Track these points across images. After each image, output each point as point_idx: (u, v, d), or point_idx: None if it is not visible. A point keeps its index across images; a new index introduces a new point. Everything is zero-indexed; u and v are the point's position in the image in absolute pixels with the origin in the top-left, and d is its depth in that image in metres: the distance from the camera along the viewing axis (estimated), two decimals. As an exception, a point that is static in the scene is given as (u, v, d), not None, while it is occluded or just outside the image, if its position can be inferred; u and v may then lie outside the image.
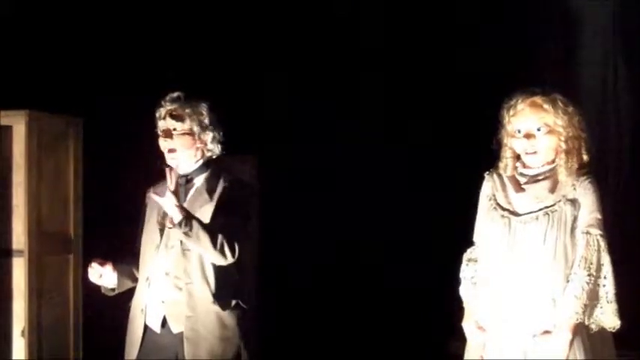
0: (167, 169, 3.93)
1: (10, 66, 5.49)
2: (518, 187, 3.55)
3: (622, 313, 3.47)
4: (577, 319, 3.38)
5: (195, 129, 4.00)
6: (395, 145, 6.62)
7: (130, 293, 4.12)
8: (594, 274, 3.40)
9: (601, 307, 3.42)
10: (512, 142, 3.56)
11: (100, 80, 5.76)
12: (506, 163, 3.59)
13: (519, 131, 3.52)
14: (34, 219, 5.08)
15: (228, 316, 3.98)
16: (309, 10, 6.58)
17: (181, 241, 3.94)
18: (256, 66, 6.55)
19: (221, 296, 3.96)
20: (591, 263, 3.40)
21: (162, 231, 4.02)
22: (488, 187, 3.63)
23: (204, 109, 4.02)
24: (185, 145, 4.01)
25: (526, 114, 3.51)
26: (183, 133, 4.00)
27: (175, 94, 4.05)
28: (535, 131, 3.50)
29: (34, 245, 5.07)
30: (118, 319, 4.27)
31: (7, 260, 5.08)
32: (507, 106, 3.56)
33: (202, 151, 4.05)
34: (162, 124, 4.04)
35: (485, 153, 3.74)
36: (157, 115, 4.06)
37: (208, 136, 4.03)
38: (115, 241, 4.29)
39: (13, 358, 5.05)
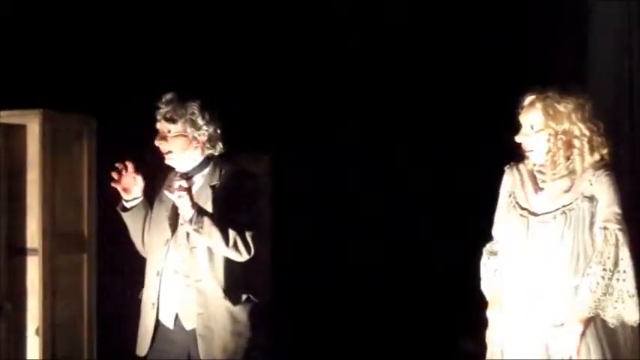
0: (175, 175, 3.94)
1: (24, 65, 5.51)
2: (537, 187, 3.56)
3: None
4: (589, 313, 3.39)
5: (189, 130, 4.02)
6: (409, 146, 6.63)
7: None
8: (611, 268, 3.40)
9: (622, 302, 3.42)
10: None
11: (114, 79, 5.77)
12: (526, 157, 3.62)
13: (521, 129, 3.58)
14: (48, 218, 5.08)
15: (240, 311, 4.01)
16: (326, 12, 6.59)
17: (188, 239, 3.96)
18: (272, 66, 6.55)
19: (231, 291, 3.99)
20: (608, 258, 3.40)
21: (172, 228, 4.04)
22: (509, 182, 3.65)
23: (195, 108, 4.02)
24: (180, 147, 4.03)
25: (524, 113, 3.60)
26: (177, 135, 4.02)
27: (168, 96, 4.06)
28: (529, 130, 3.55)
29: (48, 244, 5.07)
30: (132, 318, 4.28)
31: (21, 259, 5.08)
32: (520, 105, 3.63)
33: (202, 149, 4.06)
34: (158, 126, 4.08)
35: (493, 153, 3.76)
36: (156, 117, 4.09)
37: (204, 135, 4.04)
38: (129, 241, 4.29)
39: (28, 356, 5.05)
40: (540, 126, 3.54)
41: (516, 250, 3.55)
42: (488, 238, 3.74)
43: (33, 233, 5.07)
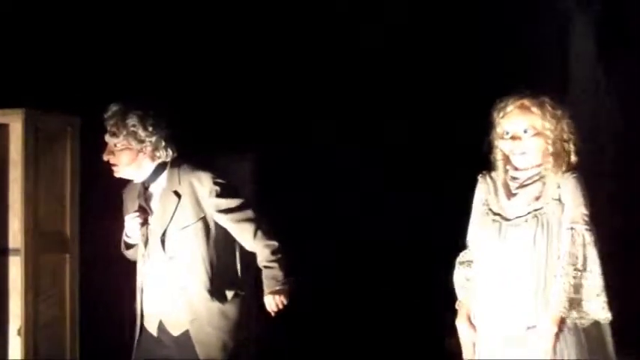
0: None
1: (7, 64, 5.48)
2: (510, 194, 3.57)
3: (627, 310, 3.48)
4: (562, 313, 3.40)
5: (133, 143, 3.95)
6: (393, 147, 6.64)
7: (126, 295, 4.14)
8: (580, 268, 3.41)
9: (589, 301, 3.43)
10: (500, 144, 3.59)
11: (98, 79, 5.75)
12: (497, 165, 3.62)
13: (507, 133, 3.56)
14: (31, 218, 5.06)
15: (230, 308, 4.01)
16: (311, 11, 6.59)
17: (164, 249, 3.96)
18: (256, 66, 6.55)
19: (217, 291, 3.99)
20: (577, 258, 3.41)
21: (145, 241, 4.04)
22: (483, 190, 3.65)
23: (136, 120, 3.93)
24: (126, 160, 3.98)
25: (514, 116, 3.54)
26: (123, 149, 3.97)
27: (113, 108, 3.98)
28: (521, 133, 3.53)
29: (31, 244, 5.05)
30: (114, 318, 4.28)
31: (3, 259, 5.07)
32: (497, 108, 3.60)
33: (152, 158, 4.00)
34: (106, 140, 4.02)
35: (479, 155, 3.75)
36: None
37: (149, 145, 3.96)
38: (112, 241, 4.28)
39: (10, 356, 5.04)
40: (538, 129, 3.52)
41: (489, 255, 3.56)
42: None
43: (15, 233, 5.05)
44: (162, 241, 3.98)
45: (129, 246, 4.12)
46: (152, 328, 4.01)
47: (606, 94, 6.33)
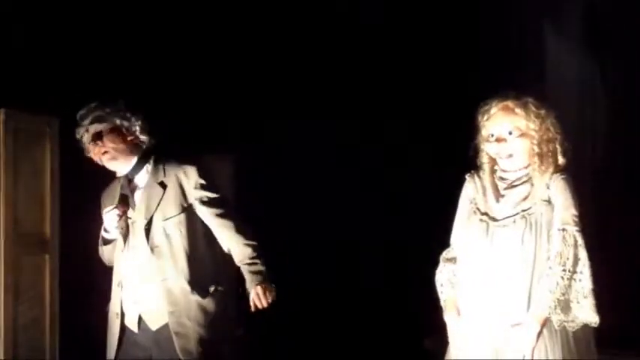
0: None
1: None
2: (498, 194, 3.57)
3: (623, 311, 3.49)
4: (548, 313, 3.41)
5: (119, 122, 4.01)
6: (372, 146, 6.66)
7: (107, 296, 4.13)
8: (570, 269, 3.42)
9: (578, 302, 3.45)
10: (486, 147, 3.60)
11: (78, 79, 5.74)
12: (483, 167, 3.63)
13: (492, 135, 3.57)
14: (11, 218, 5.06)
15: (210, 303, 4.02)
16: (289, 12, 6.59)
17: (147, 240, 3.96)
18: (236, 66, 6.55)
19: (198, 285, 4.00)
20: (567, 258, 3.41)
21: (124, 235, 4.04)
22: (470, 189, 3.65)
23: (120, 104, 4.04)
24: (116, 142, 4.01)
25: (498, 118, 3.55)
26: (111, 130, 4.00)
27: (89, 106, 4.06)
28: (506, 135, 3.54)
29: (11, 245, 5.05)
30: (94, 319, 4.27)
31: (-18, 260, 5.06)
32: (482, 111, 3.61)
33: (136, 145, 4.04)
34: (89, 135, 4.04)
35: (464, 155, 3.76)
36: (81, 133, 4.07)
37: (135, 126, 4.03)
38: (92, 242, 4.28)
39: (-11, 357, 5.04)
40: (523, 130, 3.53)
41: (476, 255, 3.57)
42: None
43: (-5, 233, 5.05)
44: (147, 231, 3.99)
45: (107, 242, 4.12)
46: (132, 324, 4.02)
47: (597, 95, 6.37)
